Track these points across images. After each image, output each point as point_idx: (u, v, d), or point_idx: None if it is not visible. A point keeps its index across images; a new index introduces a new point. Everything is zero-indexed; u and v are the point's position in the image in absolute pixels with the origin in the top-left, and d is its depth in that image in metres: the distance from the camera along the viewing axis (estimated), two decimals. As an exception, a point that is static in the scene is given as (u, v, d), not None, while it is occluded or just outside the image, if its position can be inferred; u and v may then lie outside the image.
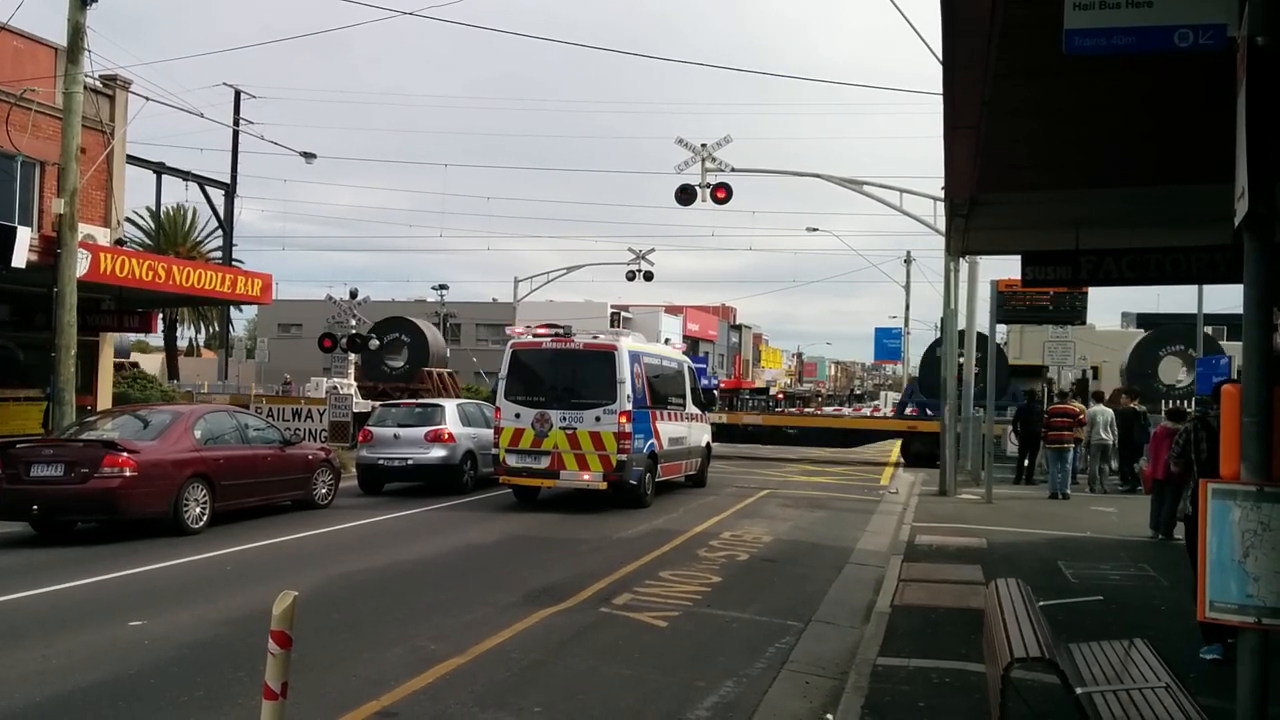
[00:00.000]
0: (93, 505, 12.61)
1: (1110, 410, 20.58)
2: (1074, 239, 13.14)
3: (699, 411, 21.05)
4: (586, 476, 16.45)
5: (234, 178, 34.56)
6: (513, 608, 9.19)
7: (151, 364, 53.84)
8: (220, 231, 37.21)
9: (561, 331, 17.40)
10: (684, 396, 20.13)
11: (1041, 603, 6.11)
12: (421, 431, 18.58)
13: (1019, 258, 13.64)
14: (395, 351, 34.71)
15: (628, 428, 16.42)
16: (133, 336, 40.42)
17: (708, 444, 21.73)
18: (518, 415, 16.87)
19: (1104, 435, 20.25)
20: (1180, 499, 13.34)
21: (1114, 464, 21.38)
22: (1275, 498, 3.98)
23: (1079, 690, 4.79)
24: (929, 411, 30.34)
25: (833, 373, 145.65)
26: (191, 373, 56.44)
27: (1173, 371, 31.48)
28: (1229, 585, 4.06)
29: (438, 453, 18.42)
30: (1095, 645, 6.01)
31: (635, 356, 17.34)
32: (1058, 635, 5.83)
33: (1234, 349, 27.13)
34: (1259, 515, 3.99)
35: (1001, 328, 32.16)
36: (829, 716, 6.31)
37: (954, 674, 7.05)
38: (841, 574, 11.60)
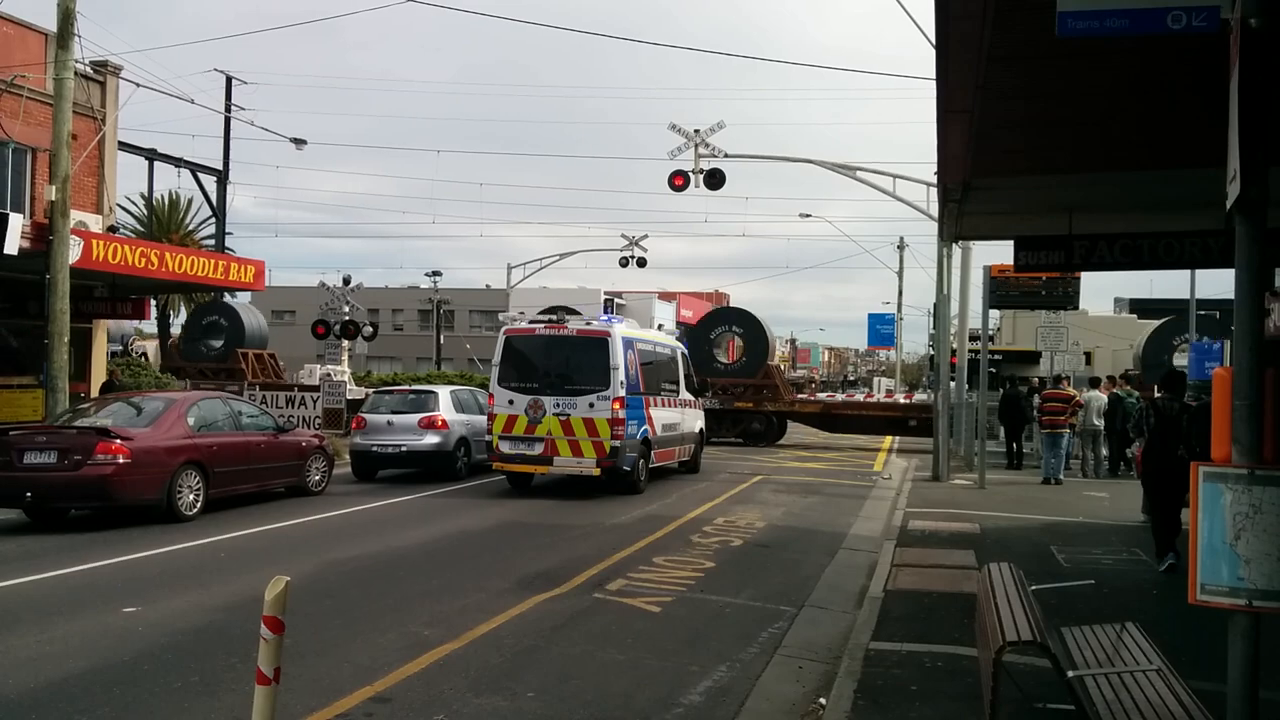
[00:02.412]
0: (86, 492, 12.59)
1: (1104, 396, 20.64)
2: (1067, 224, 13.16)
3: (692, 398, 21.07)
4: (580, 463, 16.46)
5: (226, 164, 34.39)
6: (506, 593, 9.20)
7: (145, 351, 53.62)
8: (213, 218, 37.06)
9: (556, 319, 17.36)
10: (677, 383, 20.14)
11: (1034, 587, 6.13)
12: (415, 418, 18.56)
13: (1012, 243, 13.65)
14: (215, 334, 33.96)
15: (621, 414, 16.42)
16: (131, 324, 40.24)
17: (701, 430, 21.75)
18: (511, 401, 16.86)
19: (1096, 421, 20.31)
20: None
21: (1106, 449, 21.46)
22: (1267, 481, 3.99)
23: (1071, 673, 4.81)
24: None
25: (826, 359, 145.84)
26: (185, 360, 56.15)
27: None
28: (1220, 568, 4.07)
29: (431, 439, 18.41)
30: (1087, 629, 6.03)
31: (628, 342, 17.33)
32: (1050, 619, 5.85)
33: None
34: (1250, 498, 3.99)
35: (994, 313, 32.21)
36: (822, 701, 6.33)
37: (947, 658, 7.08)
38: (835, 559, 11.63)
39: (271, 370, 32.94)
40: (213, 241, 37.85)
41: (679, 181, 23.54)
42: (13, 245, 16.17)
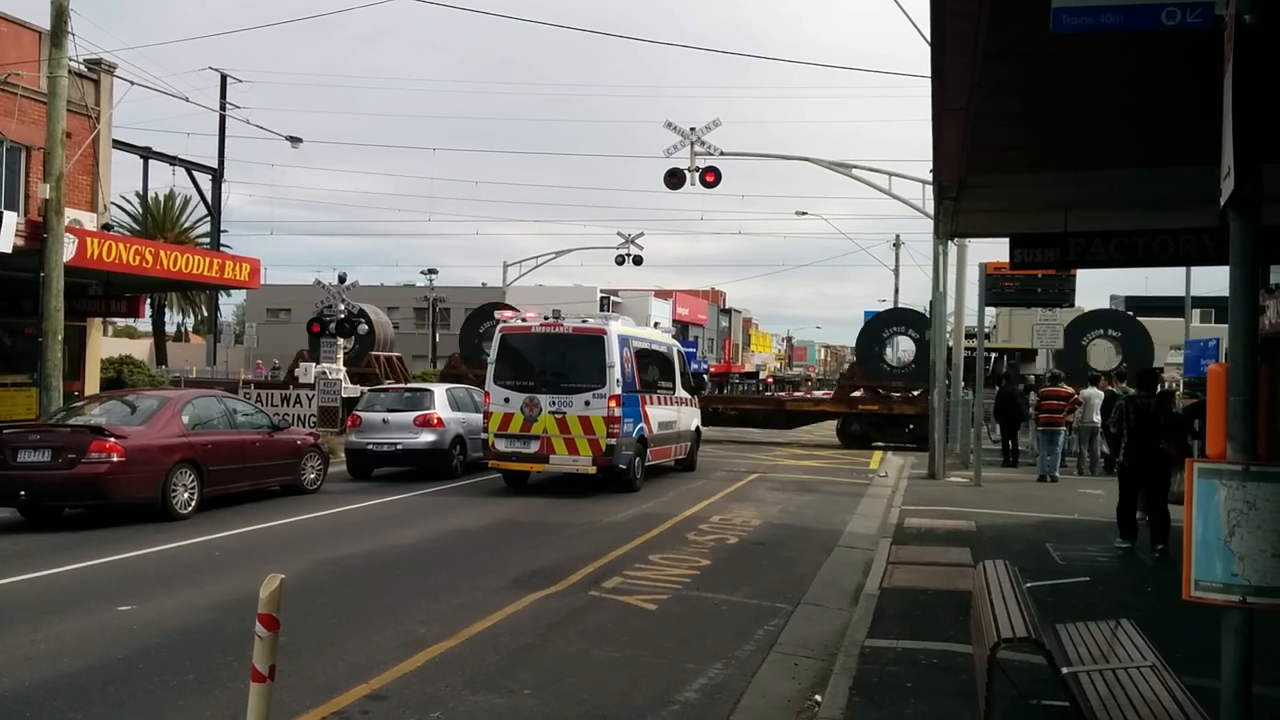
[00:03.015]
0: (80, 491, 12.56)
1: (1103, 393, 20.65)
2: (1062, 221, 13.17)
3: (688, 396, 21.06)
4: (576, 461, 16.45)
5: (221, 162, 34.39)
6: (502, 592, 9.19)
7: (140, 349, 53.57)
8: (208, 216, 37.04)
9: (552, 315, 17.35)
10: (673, 381, 20.13)
11: (1029, 584, 6.13)
12: (410, 416, 18.54)
13: (1007, 240, 13.66)
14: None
15: (617, 412, 16.41)
16: (119, 322, 40.14)
17: (697, 428, 21.75)
18: (507, 400, 16.85)
19: (1095, 418, 20.33)
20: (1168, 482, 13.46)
21: (1104, 447, 21.47)
22: (1261, 477, 3.99)
23: (1065, 670, 4.82)
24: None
25: (822, 356, 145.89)
26: (180, 358, 56.15)
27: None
28: (1214, 564, 4.07)
29: (427, 437, 18.39)
30: (1082, 626, 6.04)
31: (624, 340, 17.32)
32: (1045, 616, 5.86)
33: (1220, 330, 27.20)
34: (1244, 494, 4.00)
35: (990, 310, 32.21)
36: (817, 698, 6.33)
37: (942, 655, 7.09)
38: (830, 557, 11.63)
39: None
40: (208, 240, 37.80)
41: (675, 180, 23.55)
42: (7, 243, 16.13)
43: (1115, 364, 25.76)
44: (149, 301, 35.72)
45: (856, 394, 30.16)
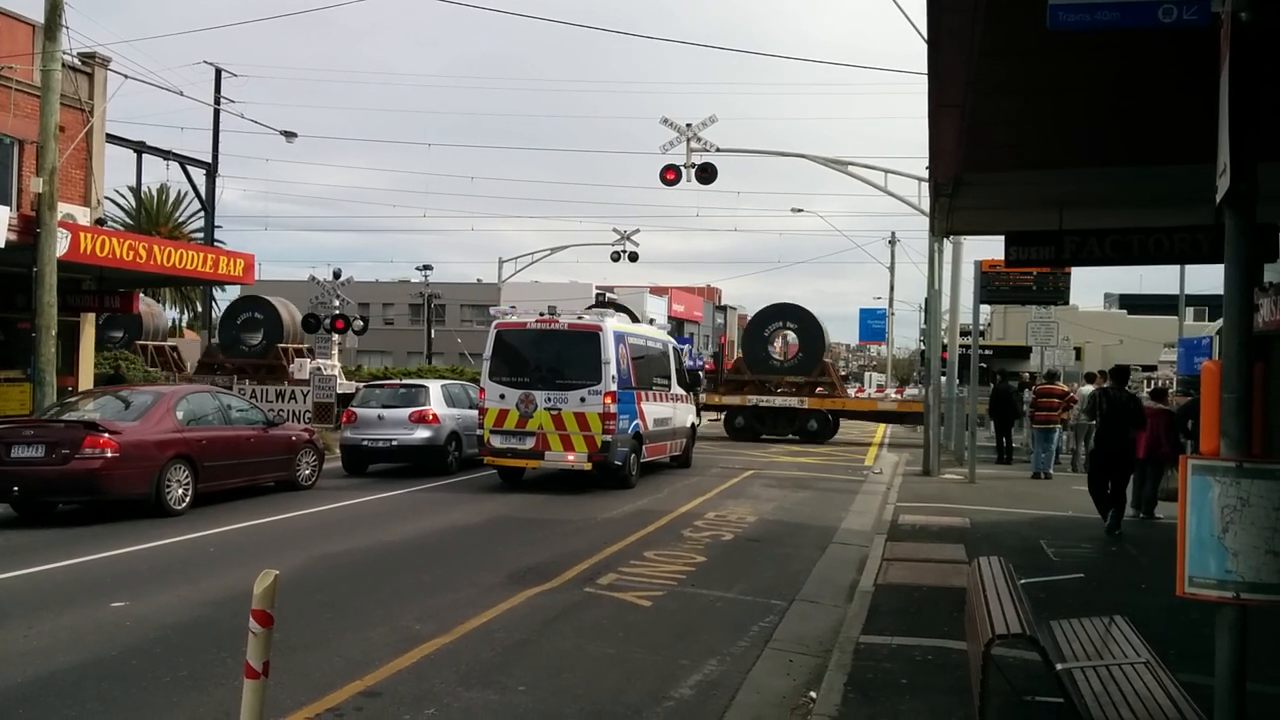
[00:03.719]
0: (74, 486, 12.54)
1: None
2: (1058, 219, 13.15)
3: (684, 392, 21.07)
4: (571, 457, 16.45)
5: (215, 157, 34.23)
6: (497, 588, 9.19)
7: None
8: (202, 211, 36.92)
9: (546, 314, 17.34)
10: (669, 377, 20.14)
11: (1023, 581, 6.14)
12: (406, 412, 18.52)
13: (1002, 238, 13.65)
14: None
15: (612, 408, 16.41)
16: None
17: (693, 425, 21.76)
18: (502, 396, 16.84)
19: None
20: (1160, 478, 13.54)
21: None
22: (1254, 473, 4.00)
23: (1059, 666, 4.83)
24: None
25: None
26: (174, 354, 55.99)
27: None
28: (1208, 561, 4.08)
29: (422, 434, 18.38)
30: (1076, 622, 6.05)
31: (620, 337, 17.32)
32: (1039, 613, 5.87)
33: (1214, 328, 27.26)
34: (1238, 491, 4.00)
35: (985, 308, 32.23)
36: (812, 694, 6.34)
37: (936, 651, 7.10)
38: (825, 553, 11.65)
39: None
40: (202, 235, 37.70)
41: (670, 176, 23.56)
42: None
43: None
44: (143, 296, 35.56)
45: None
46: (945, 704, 5.96)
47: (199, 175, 34.12)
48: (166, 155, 32.51)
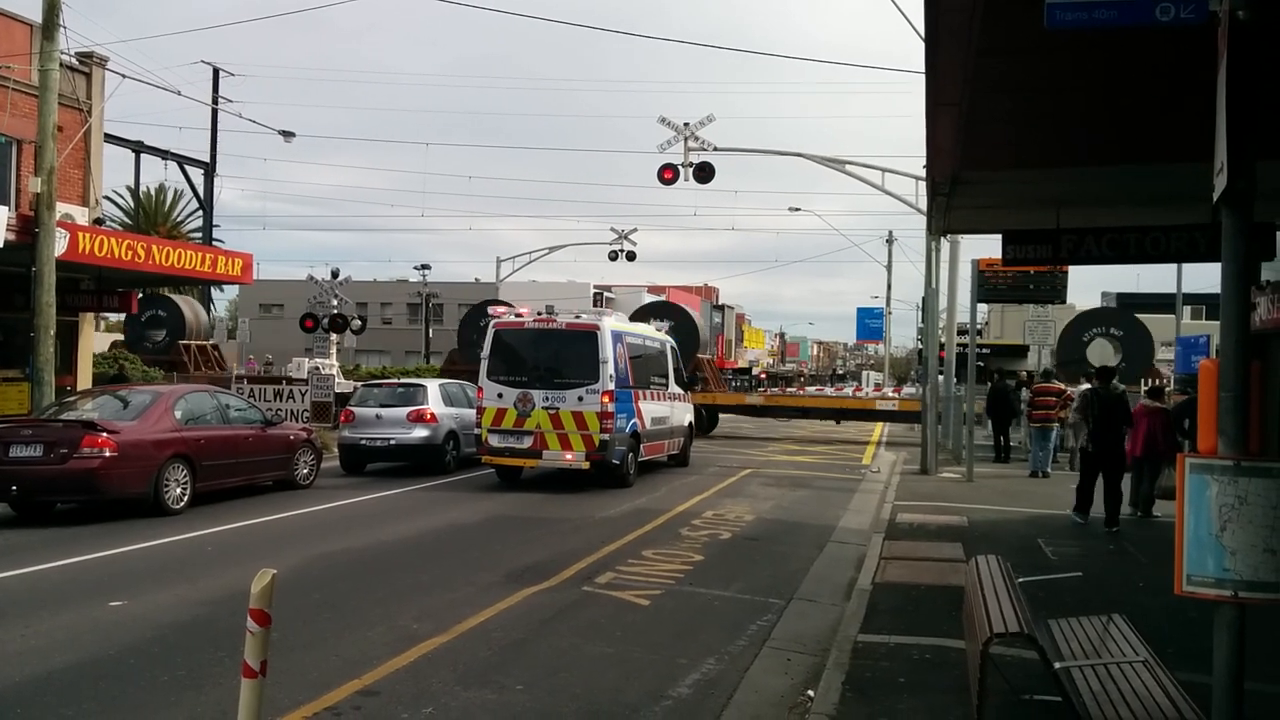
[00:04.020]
0: (72, 486, 12.53)
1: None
2: (1055, 218, 13.15)
3: (681, 391, 21.07)
4: (569, 456, 16.45)
5: (213, 156, 34.26)
6: (495, 587, 9.19)
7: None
8: (200, 211, 36.92)
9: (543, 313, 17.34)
10: (666, 376, 20.14)
11: (1021, 580, 6.15)
12: (404, 411, 18.52)
13: (1000, 237, 13.66)
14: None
15: (610, 407, 16.41)
16: (111, 317, 39.91)
17: (690, 424, 21.75)
18: (500, 395, 16.83)
19: (1086, 414, 20.37)
20: (1158, 476, 13.55)
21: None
22: (1252, 472, 4.00)
23: (1057, 665, 4.83)
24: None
25: (815, 353, 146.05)
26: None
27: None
28: (1206, 560, 4.08)
29: (420, 433, 18.38)
30: (1074, 621, 6.05)
31: (618, 336, 17.32)
32: (1037, 611, 5.87)
33: (1212, 327, 27.27)
34: (1236, 490, 4.00)
35: (982, 307, 32.28)
36: (810, 693, 6.34)
37: (934, 650, 7.10)
38: (823, 552, 11.65)
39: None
40: (200, 234, 37.69)
41: (668, 175, 23.55)
42: (-2, 238, 16.06)
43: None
44: (141, 296, 35.59)
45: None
46: (943, 703, 5.96)
47: (197, 175, 34.14)
48: (165, 155, 32.53)
